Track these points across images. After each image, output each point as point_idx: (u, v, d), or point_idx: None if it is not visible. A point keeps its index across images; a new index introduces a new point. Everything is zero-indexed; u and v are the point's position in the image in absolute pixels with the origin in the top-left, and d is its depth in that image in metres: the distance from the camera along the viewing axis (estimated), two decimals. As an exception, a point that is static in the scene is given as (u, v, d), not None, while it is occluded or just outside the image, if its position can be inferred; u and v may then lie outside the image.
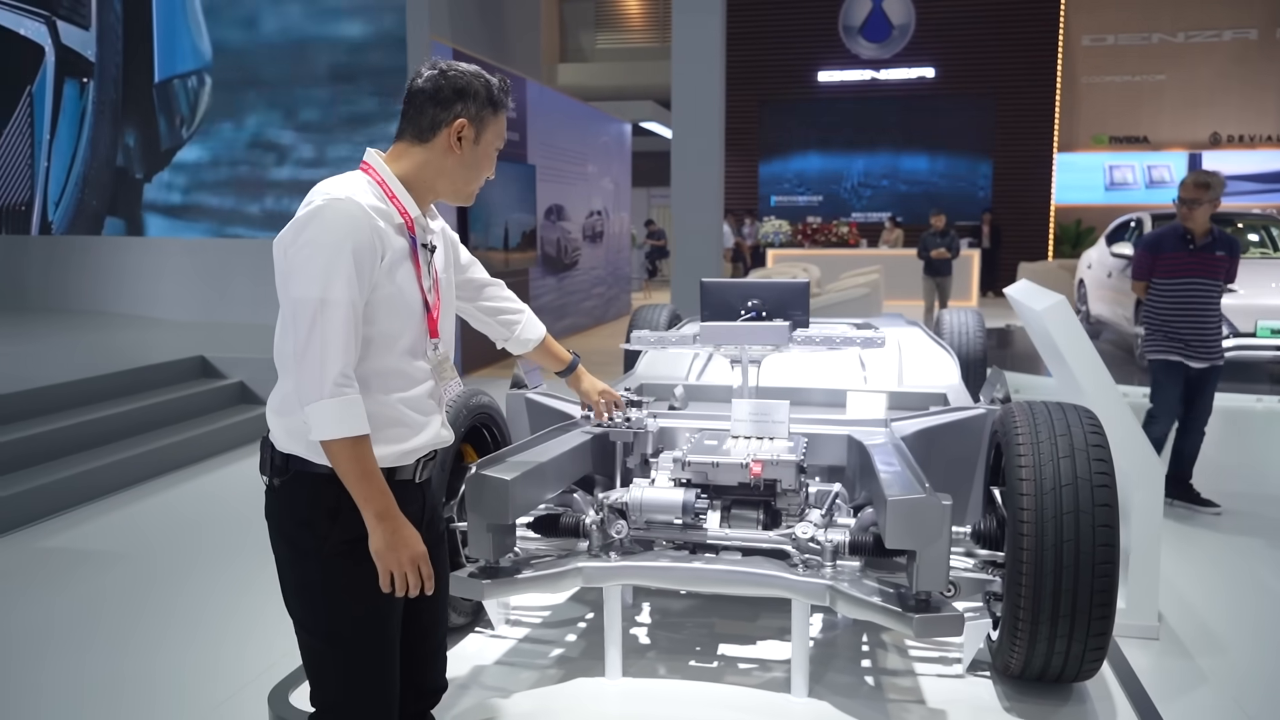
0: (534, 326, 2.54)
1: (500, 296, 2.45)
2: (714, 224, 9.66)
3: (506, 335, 2.49)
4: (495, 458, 2.77)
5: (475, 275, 2.36)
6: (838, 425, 3.36)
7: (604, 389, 2.81)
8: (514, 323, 2.49)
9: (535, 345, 2.55)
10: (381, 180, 1.91)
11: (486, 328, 2.46)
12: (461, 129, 1.92)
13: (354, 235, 1.78)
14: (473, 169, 1.97)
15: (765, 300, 3.74)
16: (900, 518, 2.43)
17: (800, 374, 4.71)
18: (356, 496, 1.79)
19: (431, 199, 1.99)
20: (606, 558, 2.87)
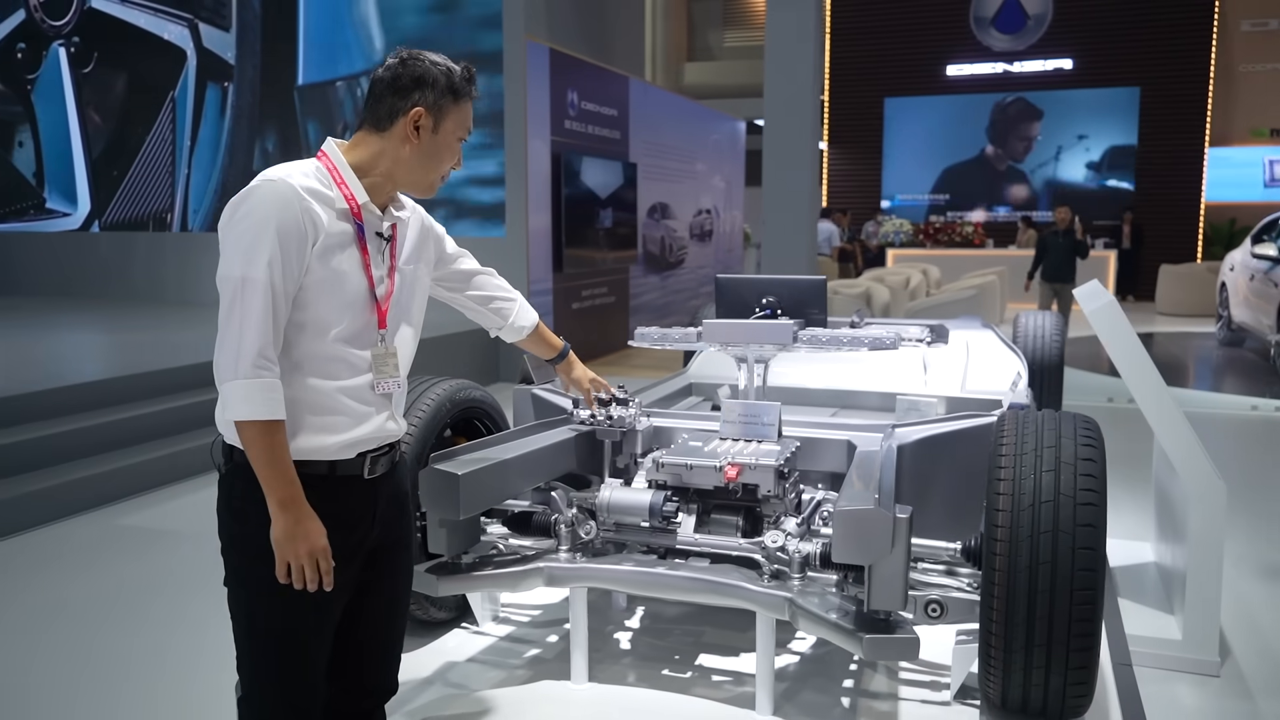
0: (526, 314, 2.55)
1: (491, 285, 2.45)
2: (805, 223, 9.40)
3: (499, 324, 2.49)
4: (454, 452, 2.73)
5: (464, 265, 2.36)
6: (837, 430, 3.18)
7: (594, 377, 2.81)
8: (506, 311, 2.49)
9: (529, 333, 2.56)
10: (333, 166, 1.91)
11: (479, 317, 2.46)
12: (418, 118, 1.91)
13: (280, 215, 1.77)
14: (432, 159, 1.96)
15: (782, 298, 3.59)
16: (846, 530, 2.26)
17: (854, 376, 4.54)
18: (262, 482, 1.78)
19: (391, 188, 1.97)
20: (573, 559, 2.79)
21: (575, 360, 2.76)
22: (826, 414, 4.28)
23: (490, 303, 2.45)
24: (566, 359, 2.72)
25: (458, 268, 2.35)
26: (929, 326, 5.35)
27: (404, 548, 2.14)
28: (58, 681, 3.05)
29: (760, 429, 3.03)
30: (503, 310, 2.48)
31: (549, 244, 9.74)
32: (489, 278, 2.45)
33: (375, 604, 2.08)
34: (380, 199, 1.97)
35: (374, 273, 1.93)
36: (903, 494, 2.98)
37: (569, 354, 2.73)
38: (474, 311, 2.45)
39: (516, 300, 2.52)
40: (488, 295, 2.44)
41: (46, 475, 5.03)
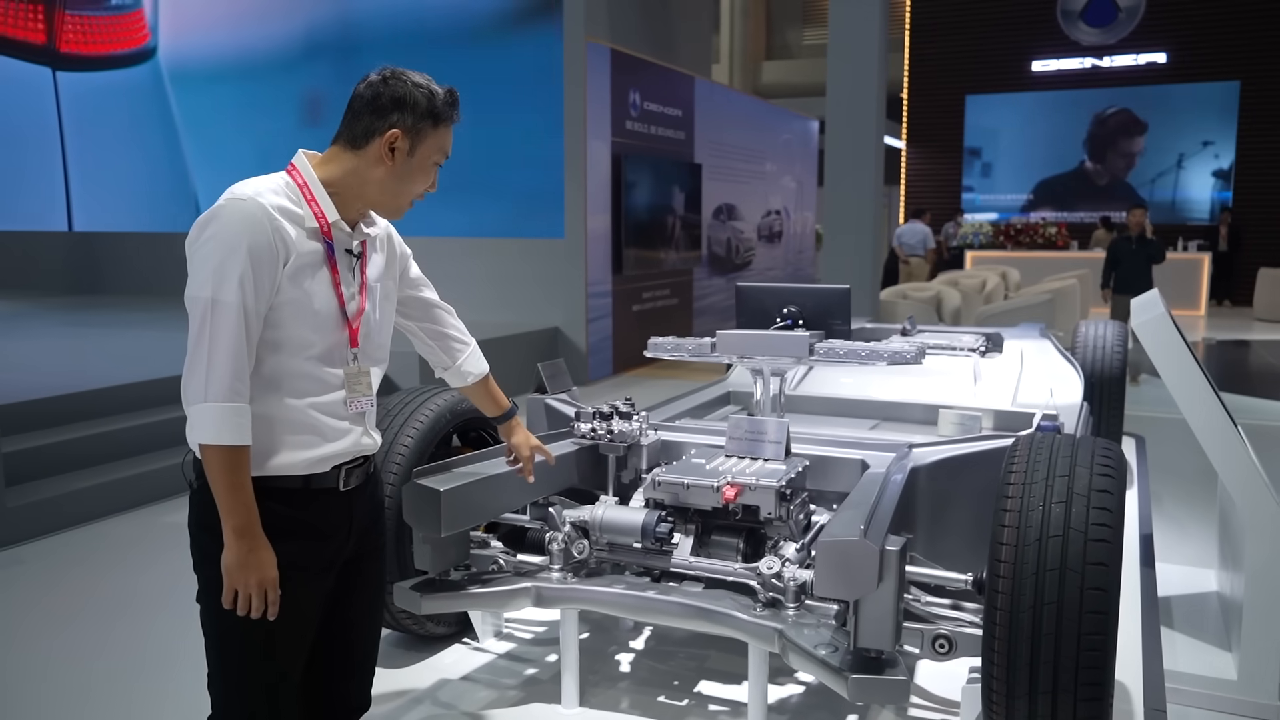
0: (477, 361, 2.43)
1: (449, 323, 2.36)
2: (866, 224, 9.14)
3: (447, 364, 2.38)
4: (440, 466, 2.65)
5: (425, 294, 2.29)
6: (850, 449, 3.01)
7: (537, 445, 2.59)
8: (457, 352, 2.38)
9: (475, 380, 2.43)
10: (303, 183, 1.89)
11: (428, 352, 2.37)
12: (394, 140, 1.88)
13: (250, 236, 1.75)
14: (404, 181, 1.93)
15: (804, 307, 3.43)
16: (828, 563, 2.10)
17: (900, 386, 4.37)
18: (220, 506, 1.77)
19: (361, 206, 1.95)
20: (564, 578, 2.69)
21: (519, 424, 2.56)
22: (867, 426, 4.11)
23: (443, 340, 2.34)
24: (510, 422, 2.53)
25: (417, 294, 2.27)
26: (984, 335, 5.12)
27: (375, 558, 2.12)
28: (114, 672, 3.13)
29: (766, 446, 2.89)
30: (454, 351, 2.36)
31: (608, 246, 9.68)
32: (448, 314, 2.35)
33: (348, 616, 2.05)
34: (350, 215, 1.94)
35: (344, 291, 1.91)
36: (916, 519, 2.81)
37: (514, 416, 2.54)
38: (424, 345, 2.34)
39: (470, 345, 2.40)
40: (442, 331, 2.33)
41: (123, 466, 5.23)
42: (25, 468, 5.00)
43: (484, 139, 9.59)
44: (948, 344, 4.82)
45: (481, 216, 9.83)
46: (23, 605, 3.74)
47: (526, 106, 9.56)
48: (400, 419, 2.98)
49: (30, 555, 4.34)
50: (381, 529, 2.16)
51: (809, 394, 4.48)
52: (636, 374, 9.87)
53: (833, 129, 9.34)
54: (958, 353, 4.82)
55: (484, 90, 9.63)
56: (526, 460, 2.53)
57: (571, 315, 9.36)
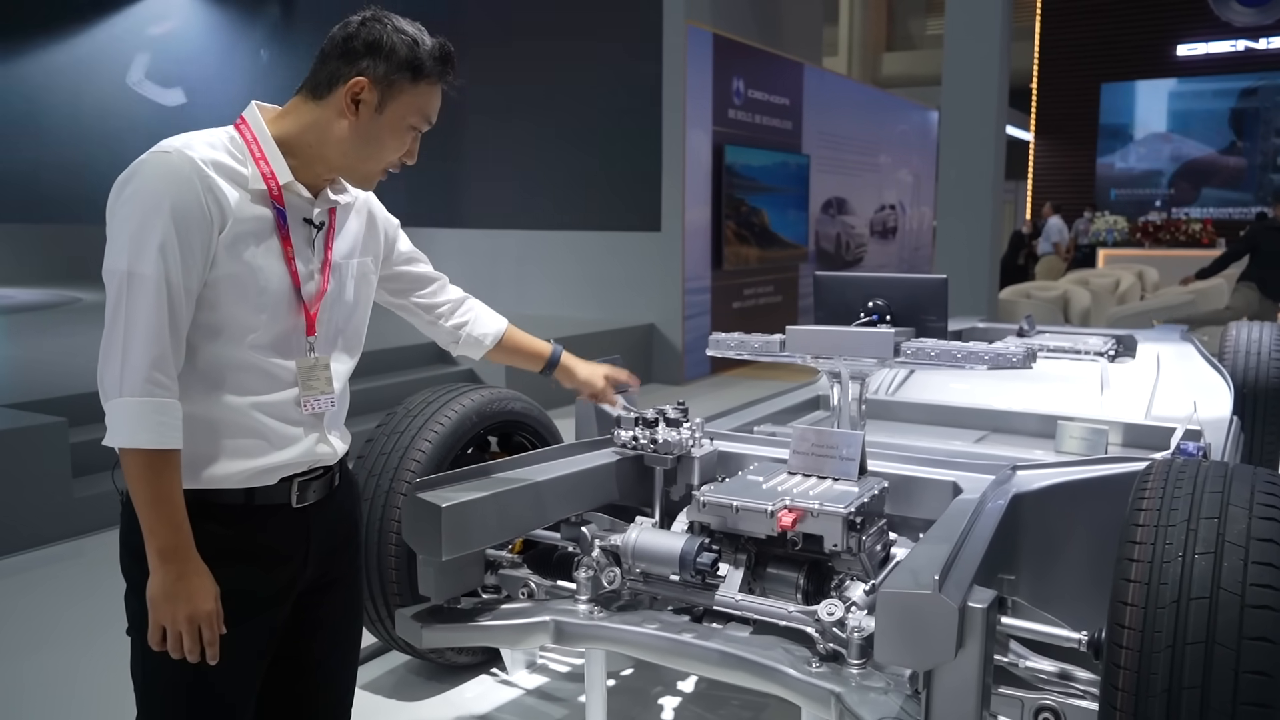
0: (488, 320, 2.13)
1: (443, 292, 2.06)
2: (983, 219, 8.45)
3: (454, 337, 2.09)
4: (449, 476, 2.29)
5: (416, 270, 1.99)
6: (941, 468, 2.51)
7: (609, 372, 2.32)
8: (461, 319, 2.08)
9: (494, 342, 2.13)
10: (252, 138, 1.58)
11: (429, 329, 2.07)
12: (359, 89, 1.56)
13: (174, 195, 1.45)
14: (370, 143, 1.60)
15: (893, 300, 2.94)
16: (891, 621, 1.64)
17: (1012, 393, 3.87)
18: (143, 523, 1.47)
19: (325, 169, 1.63)
20: (590, 612, 2.30)
21: (574, 361, 2.28)
22: (971, 439, 3.62)
23: (439, 311, 2.05)
24: (560, 364, 2.24)
25: (408, 269, 1.97)
26: (1114, 337, 4.52)
27: (348, 585, 1.81)
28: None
29: (836, 463, 2.43)
30: (456, 318, 2.07)
31: (707, 240, 9.26)
32: (443, 284, 2.06)
33: (307, 660, 1.76)
34: (310, 179, 1.62)
35: (300, 268, 1.61)
36: (1020, 557, 2.30)
37: (562, 357, 2.25)
38: (423, 322, 2.05)
39: (473, 307, 2.11)
40: (435, 303, 2.04)
41: None
42: (93, 459, 4.90)
43: (579, 126, 9.30)
44: (1071, 347, 4.25)
45: (573, 208, 9.53)
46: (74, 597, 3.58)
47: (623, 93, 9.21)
48: (418, 421, 2.64)
49: (91, 547, 4.22)
50: (355, 552, 1.84)
51: (907, 400, 4.00)
52: (735, 374, 9.41)
53: (948, 118, 8.70)
54: (1082, 357, 4.26)
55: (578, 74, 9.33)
56: (603, 392, 2.30)
57: (667, 312, 8.97)
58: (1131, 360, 4.35)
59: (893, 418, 3.91)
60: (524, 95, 9.58)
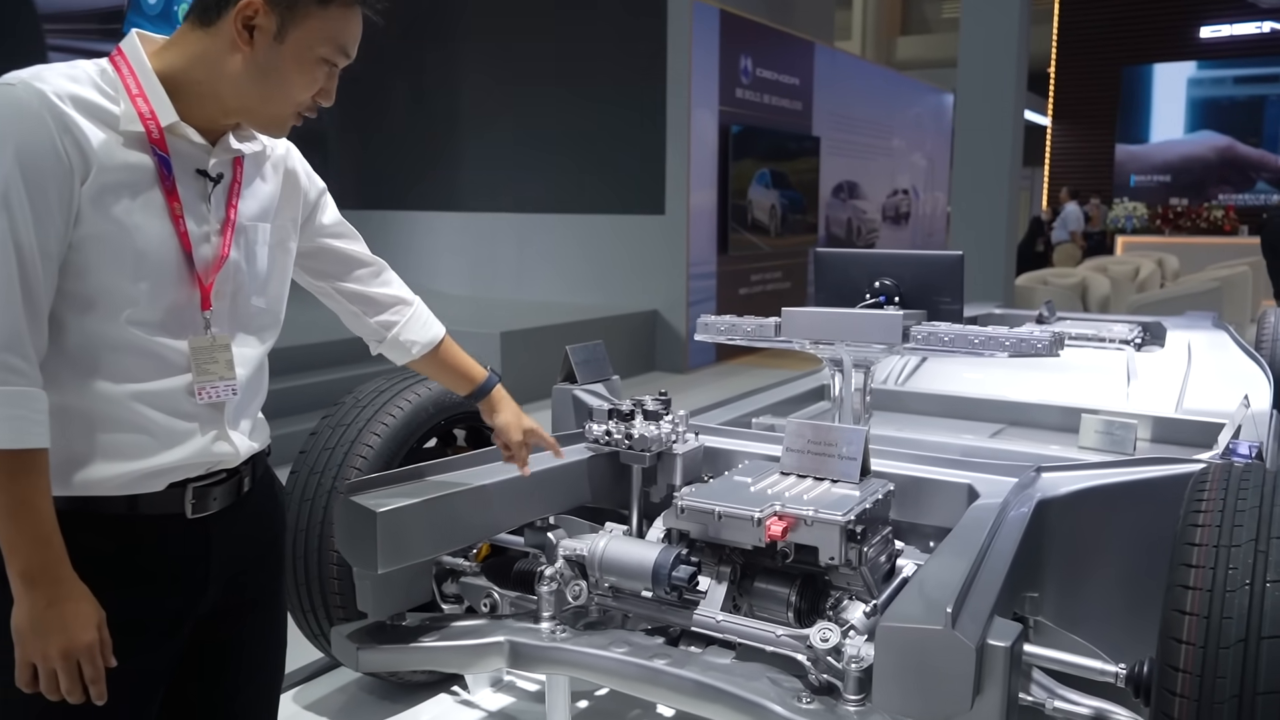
0: (423, 326, 1.80)
1: (377, 281, 1.74)
2: (999, 205, 8.12)
3: (380, 335, 1.76)
4: (391, 477, 2.00)
5: (343, 246, 1.67)
6: (955, 469, 2.21)
7: (531, 426, 1.93)
8: (390, 321, 1.75)
9: (423, 351, 1.80)
10: (130, 71, 1.30)
11: (354, 322, 1.75)
12: (251, 13, 1.27)
13: (20, 136, 1.18)
14: (271, 79, 1.32)
15: (902, 280, 2.64)
16: (892, 662, 1.35)
17: (1031, 384, 3.60)
18: (1, 539, 1.20)
19: (221, 111, 1.35)
20: (552, 632, 2.01)
21: (504, 398, 1.92)
22: (988, 432, 3.34)
23: (368, 303, 1.72)
24: (490, 395, 1.89)
25: (333, 245, 1.65)
26: (1140, 324, 4.21)
27: (266, 608, 1.54)
28: None
29: (835, 463, 2.13)
30: (387, 315, 1.74)
31: (713, 224, 8.94)
32: (375, 270, 1.74)
33: (222, 690, 1.49)
34: (204, 122, 1.34)
35: (190, 228, 1.33)
36: (1045, 571, 2.00)
37: (495, 388, 1.89)
38: (347, 313, 1.73)
39: (410, 305, 1.78)
40: (365, 293, 1.71)
41: None
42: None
43: (579, 105, 8.99)
44: (1094, 334, 3.96)
45: (574, 191, 9.23)
46: None
47: (627, 71, 8.89)
48: (367, 413, 2.36)
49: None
50: (274, 570, 1.57)
51: (918, 390, 3.72)
52: (742, 362, 9.10)
53: (964, 100, 8.35)
54: (1107, 345, 3.96)
55: (579, 51, 9.01)
56: (517, 447, 1.90)
57: (671, 298, 8.67)
58: (1160, 349, 4.06)
59: (900, 409, 3.63)
60: (524, 74, 9.27)
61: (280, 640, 1.61)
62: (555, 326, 7.71)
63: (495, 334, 7.24)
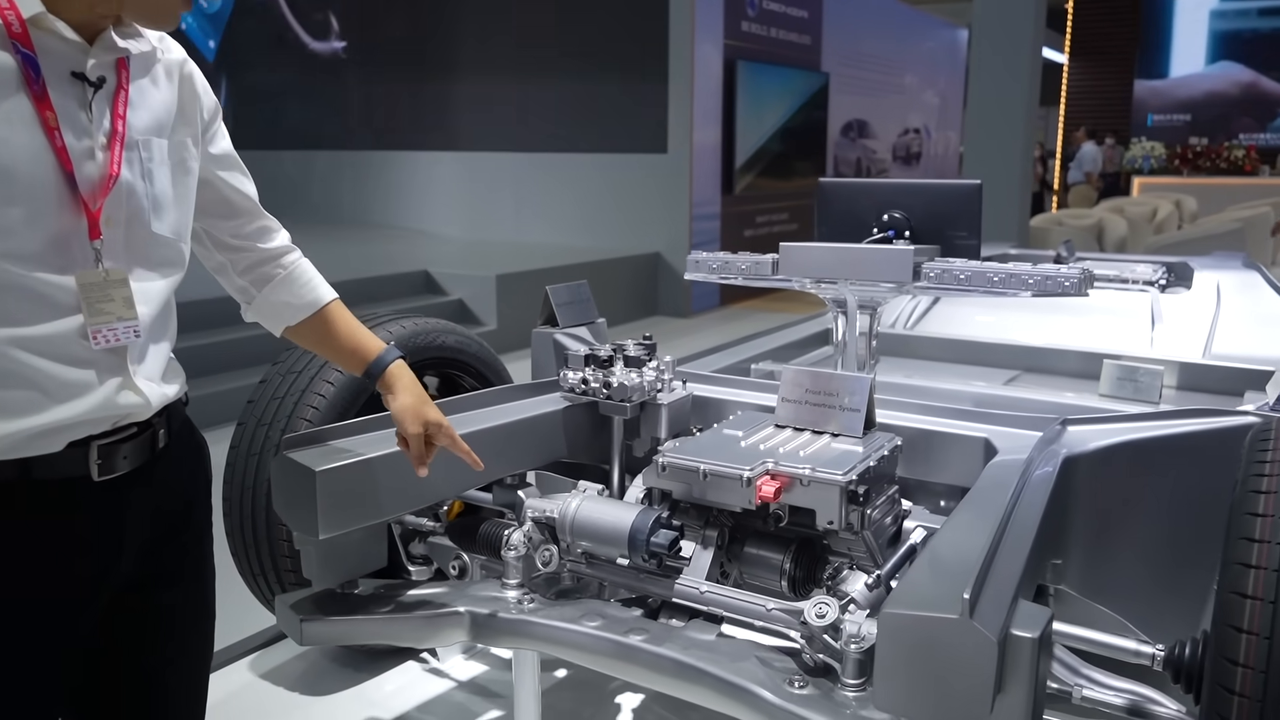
0: (301, 288, 1.50)
1: (256, 229, 1.46)
2: (1015, 144, 7.79)
3: (249, 295, 1.49)
4: (336, 431, 1.78)
5: (229, 183, 1.40)
6: (971, 420, 1.98)
7: (435, 420, 1.57)
8: (263, 277, 1.48)
9: (299, 317, 1.51)
10: None
11: (224, 278, 1.48)
12: None
13: None
14: None
15: (913, 213, 2.39)
16: (898, 656, 1.13)
17: (1049, 327, 3.41)
18: None
19: (103, 4, 1.13)
20: (519, 602, 1.81)
21: (404, 381, 1.56)
22: (1001, 380, 3.15)
23: (242, 254, 1.45)
24: (385, 376, 1.56)
25: (218, 179, 1.38)
26: (1165, 265, 3.97)
27: (192, 576, 1.36)
28: None
29: (836, 414, 1.90)
30: (260, 271, 1.47)
31: (717, 163, 8.64)
32: (260, 220, 1.46)
33: (141, 672, 1.33)
34: (76, 14, 1.12)
35: (69, 142, 1.11)
36: (1068, 540, 1.78)
37: (392, 368, 1.56)
38: (214, 263, 1.46)
39: (291, 264, 1.50)
40: (241, 244, 1.44)
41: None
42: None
43: (579, 41, 8.63)
44: (1116, 275, 3.74)
45: (574, 129, 8.91)
46: None
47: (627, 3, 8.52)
48: (319, 360, 2.13)
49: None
50: (200, 534, 1.37)
51: (927, 334, 3.51)
52: (746, 306, 8.86)
53: (980, 35, 7.97)
54: (1129, 286, 3.73)
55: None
56: (414, 441, 1.55)
57: (674, 240, 8.40)
58: (1186, 291, 3.82)
59: (908, 355, 3.42)
60: (522, 8, 8.90)
61: (206, 610, 1.43)
62: (553, 269, 7.46)
63: (491, 277, 7.00)
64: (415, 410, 1.55)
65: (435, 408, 1.59)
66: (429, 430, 1.56)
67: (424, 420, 1.55)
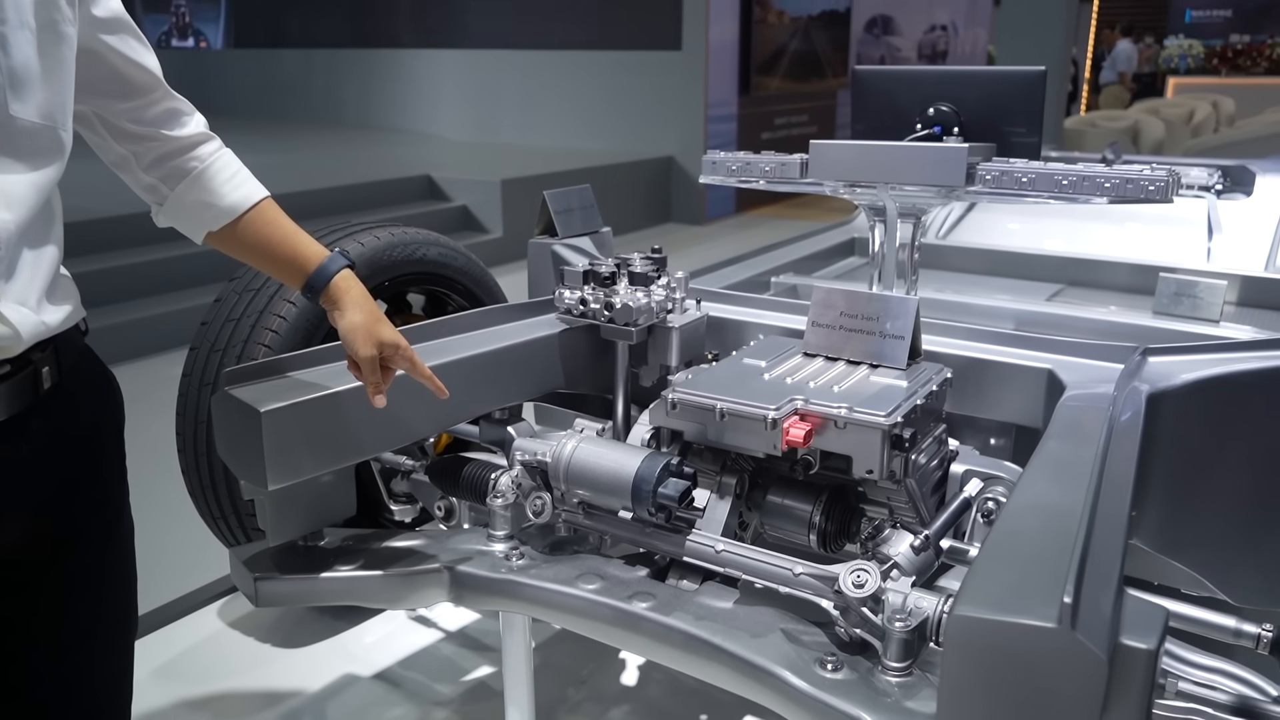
0: (223, 184, 1.24)
1: (162, 111, 1.19)
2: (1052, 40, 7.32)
3: (159, 194, 1.23)
4: (291, 361, 1.52)
5: (122, 53, 1.12)
6: (1031, 349, 1.70)
7: (390, 339, 1.33)
8: (175, 172, 1.22)
9: (220, 220, 1.25)
10: None
11: (128, 174, 1.22)
12: None
13: None
14: None
15: (964, 106, 2.06)
16: (971, 671, 0.88)
17: (1094, 236, 3.15)
18: None
19: None
20: (506, 559, 1.57)
21: (352, 295, 1.32)
22: (1043, 295, 2.90)
23: (147, 144, 1.18)
24: (329, 289, 1.31)
25: (109, 48, 1.10)
26: (1220, 168, 3.65)
27: (100, 542, 1.16)
28: None
29: (876, 342, 1.63)
30: (170, 166, 1.20)
31: (734, 61, 8.19)
32: (167, 101, 1.18)
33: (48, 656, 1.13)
34: None
35: None
36: (1147, 490, 1.52)
37: (337, 279, 1.31)
38: (115, 156, 1.19)
39: (210, 156, 1.23)
40: (145, 131, 1.17)
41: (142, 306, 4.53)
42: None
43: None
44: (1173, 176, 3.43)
45: (583, 25, 8.43)
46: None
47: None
48: (271, 285, 1.86)
49: None
50: (107, 488, 1.15)
51: (962, 244, 3.24)
52: (764, 213, 8.51)
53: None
54: (1183, 192, 3.42)
55: None
56: (367, 365, 1.31)
57: (688, 142, 8.02)
58: (1245, 197, 3.49)
59: (940, 267, 3.15)
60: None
61: (124, 576, 1.22)
62: (562, 174, 7.12)
63: (496, 182, 6.66)
64: (366, 329, 1.30)
65: (390, 326, 1.34)
66: (384, 352, 1.32)
67: (377, 340, 1.31)
